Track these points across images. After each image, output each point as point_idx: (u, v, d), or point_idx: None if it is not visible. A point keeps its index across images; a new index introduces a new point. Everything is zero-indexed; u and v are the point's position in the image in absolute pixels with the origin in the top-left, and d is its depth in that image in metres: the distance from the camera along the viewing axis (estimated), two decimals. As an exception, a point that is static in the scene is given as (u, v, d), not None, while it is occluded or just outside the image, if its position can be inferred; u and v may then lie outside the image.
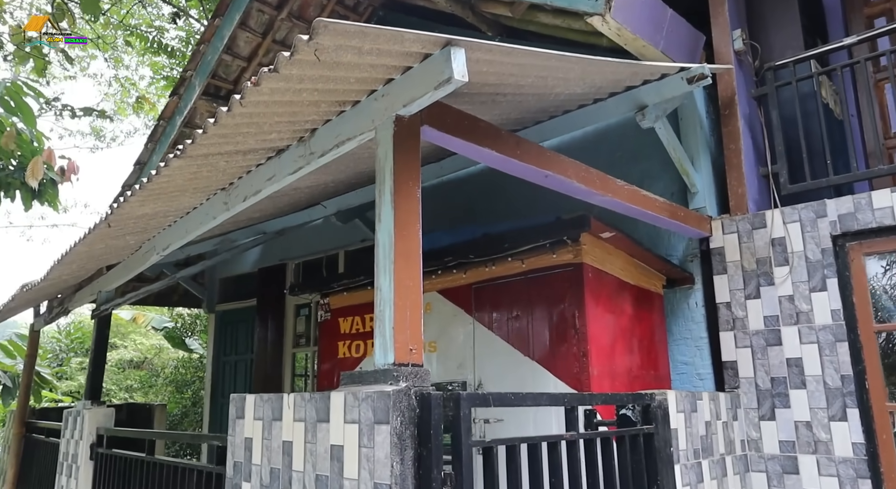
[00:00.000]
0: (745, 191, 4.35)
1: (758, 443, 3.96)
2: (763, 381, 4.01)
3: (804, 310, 3.93)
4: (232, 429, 2.97)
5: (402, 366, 2.24)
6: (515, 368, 3.83)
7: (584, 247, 3.67)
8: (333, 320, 5.05)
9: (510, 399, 2.34)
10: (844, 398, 3.72)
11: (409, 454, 2.10)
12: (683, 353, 4.43)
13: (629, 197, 3.62)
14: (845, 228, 3.86)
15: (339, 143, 2.70)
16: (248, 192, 3.34)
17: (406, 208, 2.37)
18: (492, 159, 2.86)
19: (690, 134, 4.54)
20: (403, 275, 2.32)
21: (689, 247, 4.52)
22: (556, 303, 3.72)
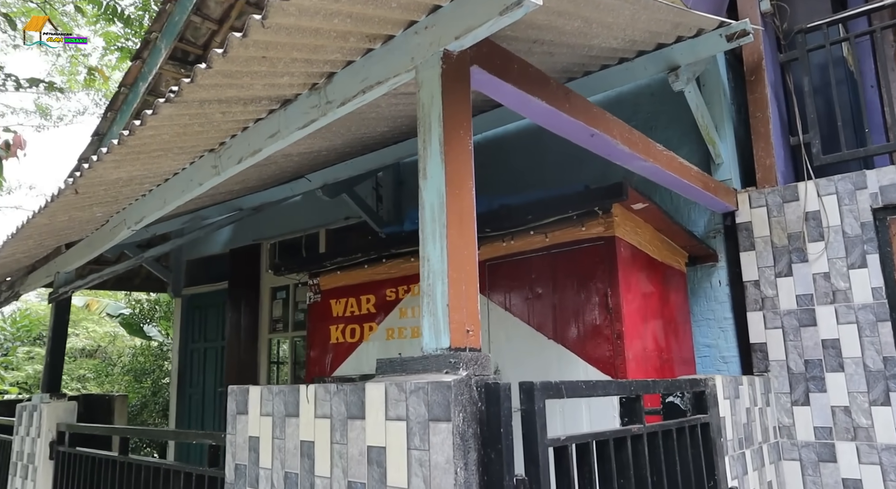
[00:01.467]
0: (774, 162, 4.07)
1: (790, 430, 3.72)
2: (796, 364, 3.76)
3: (841, 288, 3.68)
4: (232, 426, 2.54)
5: (460, 350, 1.85)
6: (539, 353, 3.48)
7: (616, 218, 3.33)
8: (324, 302, 4.62)
9: (581, 388, 1.98)
10: (887, 381, 3.49)
11: (473, 457, 1.72)
12: (706, 335, 4.16)
13: (668, 163, 3.30)
14: (887, 201, 3.62)
15: (366, 89, 2.27)
16: (244, 152, 2.88)
17: (458, 161, 1.97)
18: (539, 112, 2.48)
19: (715, 101, 4.24)
20: (458, 242, 1.92)
21: (712, 222, 4.24)
22: (584, 280, 3.37)
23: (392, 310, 4.19)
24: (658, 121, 4.55)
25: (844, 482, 3.53)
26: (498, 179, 5.14)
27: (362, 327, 4.35)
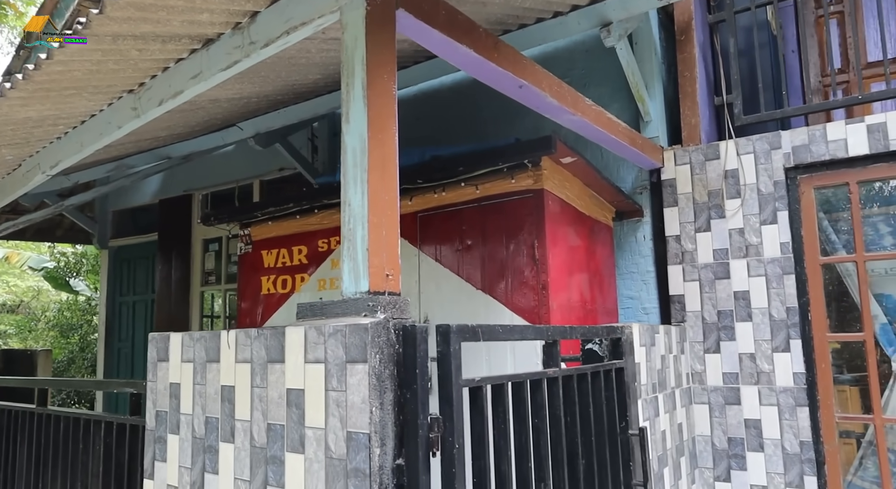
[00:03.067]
0: (699, 121, 4.20)
1: (702, 376, 3.95)
2: (710, 315, 3.97)
3: (754, 244, 3.89)
4: (152, 373, 2.51)
5: (379, 294, 1.88)
6: (467, 302, 3.55)
7: (545, 172, 3.38)
8: (256, 253, 4.56)
9: (498, 332, 2.05)
10: (788, 330, 3.74)
11: (390, 397, 1.77)
12: (630, 287, 4.32)
13: (596, 118, 3.36)
14: (798, 161, 3.81)
15: (290, 30, 2.21)
16: (165, 93, 2.77)
17: (381, 106, 1.96)
18: (467, 61, 2.47)
19: (646, 59, 4.31)
20: (379, 187, 1.93)
21: (639, 179, 4.36)
22: (513, 232, 3.44)
23: (324, 260, 4.18)
24: (591, 77, 4.61)
25: (746, 422, 3.79)
26: (434, 131, 5.13)
27: (294, 278, 4.32)
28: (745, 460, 3.77)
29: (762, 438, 3.74)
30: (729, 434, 3.83)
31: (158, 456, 2.43)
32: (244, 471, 2.06)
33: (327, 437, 1.82)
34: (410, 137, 5.31)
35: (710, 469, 3.86)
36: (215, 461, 2.17)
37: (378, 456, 1.71)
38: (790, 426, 3.67)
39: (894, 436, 3.61)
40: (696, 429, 3.94)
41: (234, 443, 2.11)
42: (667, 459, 3.37)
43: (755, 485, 3.73)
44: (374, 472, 1.70)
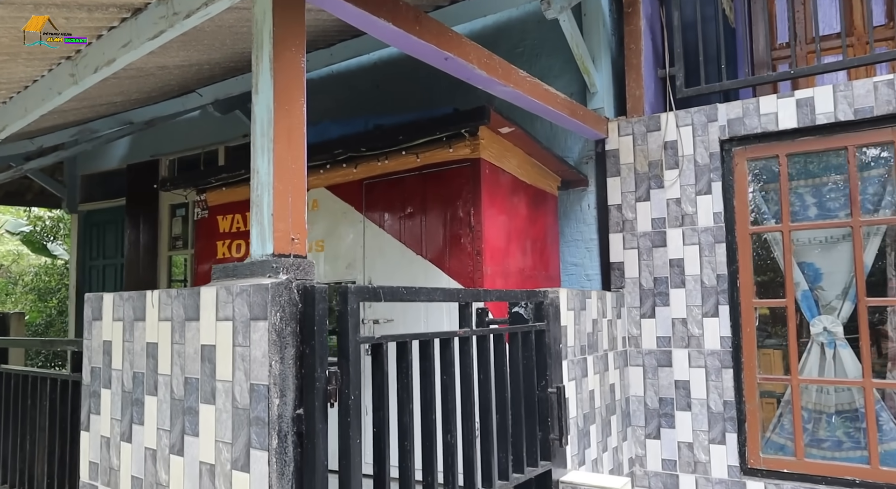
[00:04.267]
0: (643, 93, 4.30)
1: (637, 340, 4.13)
2: (647, 281, 4.13)
3: (689, 213, 4.03)
4: (88, 331, 2.64)
5: (283, 257, 2.00)
6: (407, 267, 3.68)
7: (481, 141, 3.49)
8: (211, 218, 4.65)
9: (402, 293, 2.18)
10: (718, 296, 3.90)
11: (291, 352, 1.90)
12: (574, 254, 4.47)
13: (531, 90, 3.45)
14: (733, 133, 3.93)
15: (209, 2, 2.28)
16: (99, 61, 2.83)
17: (288, 78, 2.05)
18: (388, 34, 2.55)
19: (594, 31, 4.39)
20: (285, 156, 2.03)
21: (585, 149, 4.47)
22: (451, 200, 3.56)
23: (276, 226, 4.28)
24: (543, 47, 4.67)
25: (676, 383, 3.98)
26: (381, 101, 5.19)
27: (247, 243, 4.42)
28: (674, 419, 3.98)
29: (690, 398, 3.94)
30: (660, 394, 4.03)
31: (93, 409, 2.57)
32: (165, 422, 2.21)
33: (234, 389, 1.96)
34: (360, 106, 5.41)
35: (642, 427, 4.07)
36: (141, 413, 2.32)
37: (277, 406, 1.85)
38: (716, 387, 3.87)
39: (809, 396, 3.82)
40: (630, 390, 4.13)
41: (157, 396, 2.25)
42: (594, 417, 3.56)
43: (682, 441, 3.94)
44: (272, 421, 1.84)
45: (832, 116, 3.66)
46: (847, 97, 3.63)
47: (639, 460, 4.06)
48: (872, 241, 3.67)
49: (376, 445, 2.04)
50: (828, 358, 3.73)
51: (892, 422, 3.55)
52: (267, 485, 1.82)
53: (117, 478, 2.41)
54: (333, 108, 5.76)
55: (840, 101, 3.65)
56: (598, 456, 3.57)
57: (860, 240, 3.62)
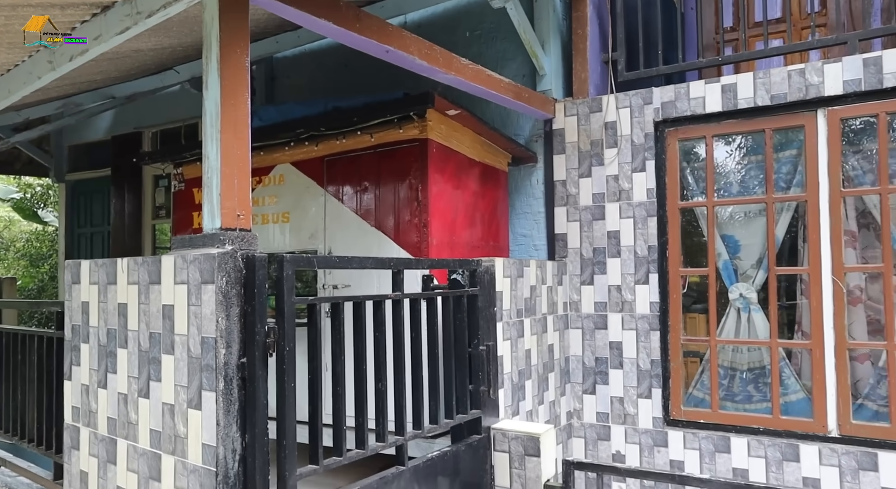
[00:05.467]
0: (588, 76, 4.61)
1: (577, 305, 4.52)
2: (587, 251, 4.51)
3: (626, 189, 4.38)
4: (68, 294, 3.00)
5: (229, 230, 2.35)
6: (363, 238, 4.04)
7: (429, 123, 3.82)
8: (188, 190, 4.98)
9: (335, 261, 2.55)
10: (648, 265, 4.29)
11: (235, 311, 2.27)
12: (524, 226, 4.83)
13: (473, 76, 3.76)
14: (666, 115, 4.26)
15: (167, 4, 2.58)
16: (74, 50, 3.13)
17: (233, 77, 2.38)
18: (330, 31, 2.86)
19: (544, 17, 4.67)
20: (231, 144, 2.37)
21: (535, 128, 4.80)
22: (401, 176, 3.90)
23: (246, 199, 4.61)
24: (499, 32, 4.96)
25: (611, 344, 4.39)
26: (350, 80, 5.48)
27: (221, 214, 4.76)
28: (607, 376, 4.39)
29: (622, 357, 4.35)
30: (596, 354, 4.44)
31: (74, 361, 2.95)
32: (134, 370, 2.59)
33: (189, 342, 2.33)
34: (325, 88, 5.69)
35: (580, 383, 4.49)
36: (115, 363, 2.69)
37: (224, 355, 2.23)
38: (644, 347, 4.28)
39: (726, 355, 4.23)
40: (570, 350, 4.54)
41: (127, 349, 2.63)
42: (530, 373, 3.97)
43: (614, 396, 4.37)
44: (219, 367, 2.22)
45: (752, 101, 3.99)
46: (765, 84, 3.96)
47: (576, 413, 4.49)
48: (784, 216, 4.04)
49: (311, 390, 2.43)
50: (742, 321, 4.13)
51: (793, 378, 3.98)
52: (215, 419, 2.21)
53: (95, 419, 2.80)
54: (307, 85, 6.05)
55: (759, 87, 3.98)
56: (533, 408, 3.99)
57: (773, 215, 3.99)
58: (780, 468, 3.83)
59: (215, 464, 2.20)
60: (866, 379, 3.88)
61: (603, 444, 4.39)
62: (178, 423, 2.36)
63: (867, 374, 3.89)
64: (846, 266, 3.80)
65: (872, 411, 3.79)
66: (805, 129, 3.89)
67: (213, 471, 2.20)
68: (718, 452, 4.02)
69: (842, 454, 3.67)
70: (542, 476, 3.33)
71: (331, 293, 4.13)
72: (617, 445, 4.34)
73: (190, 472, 2.30)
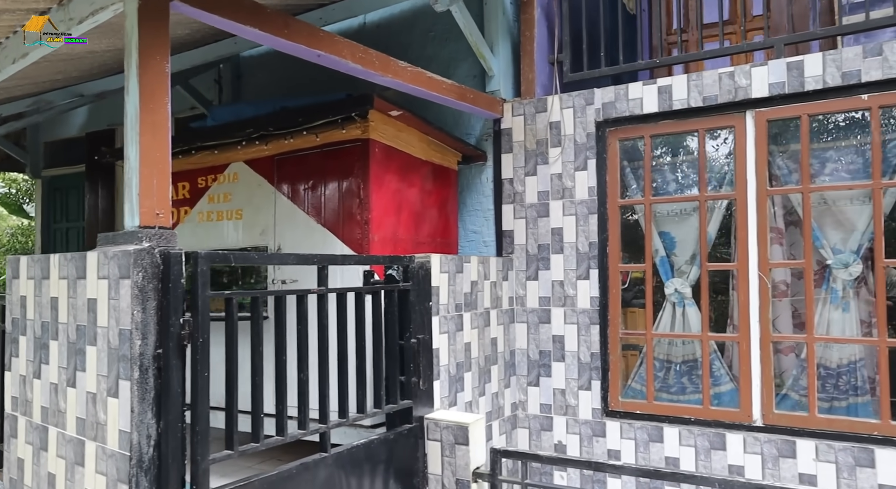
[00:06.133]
0: (535, 76, 4.74)
1: (523, 299, 4.66)
2: (532, 248, 4.64)
3: (569, 187, 4.51)
4: (9, 288, 3.13)
5: (148, 228, 2.48)
6: (310, 235, 4.17)
7: (371, 123, 3.94)
8: (148, 188, 5.10)
9: (254, 258, 2.68)
10: (589, 261, 4.42)
11: (152, 304, 2.40)
12: (475, 223, 4.97)
13: (412, 78, 3.88)
14: (606, 115, 4.39)
15: (95, 12, 2.71)
16: (16, 53, 3.26)
17: (152, 82, 2.50)
18: (258, 37, 2.98)
19: (493, 19, 4.80)
20: (150, 146, 2.50)
21: (486, 128, 4.93)
22: (345, 175, 4.03)
23: (202, 196, 4.74)
24: (451, 33, 5.07)
25: (553, 338, 4.53)
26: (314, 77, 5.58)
27: (179, 211, 4.89)
28: (550, 369, 4.54)
29: (564, 351, 4.49)
30: (540, 347, 4.58)
31: (14, 353, 3.08)
32: (63, 361, 2.72)
33: (109, 333, 2.47)
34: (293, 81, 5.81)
35: (524, 376, 4.63)
36: (47, 354, 2.83)
37: (139, 346, 2.36)
38: (585, 340, 4.42)
39: (662, 348, 4.38)
40: (516, 343, 4.68)
41: (58, 340, 2.76)
42: (470, 365, 4.10)
43: (556, 388, 4.51)
44: (135, 358, 2.36)
45: (686, 103, 4.13)
46: (698, 86, 4.09)
47: (521, 404, 4.64)
48: (717, 214, 4.17)
49: (227, 379, 2.57)
50: (678, 315, 4.28)
51: (723, 370, 4.12)
52: (130, 407, 2.35)
53: (31, 408, 2.94)
54: (273, 83, 6.17)
55: (692, 89, 4.11)
56: (473, 399, 4.13)
57: (705, 213, 4.13)
58: (709, 456, 3.98)
59: (129, 449, 2.33)
60: (791, 370, 4.03)
61: (546, 435, 4.53)
62: (99, 411, 2.50)
63: (792, 366, 4.04)
64: (771, 262, 3.94)
65: (795, 401, 3.93)
66: (735, 130, 4.02)
67: (127, 455, 2.34)
68: (652, 442, 4.16)
69: (764, 442, 3.82)
70: (471, 463, 3.47)
71: (279, 287, 4.26)
72: (559, 435, 4.48)
73: (108, 457, 2.44)
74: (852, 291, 3.82)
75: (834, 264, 3.82)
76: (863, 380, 3.80)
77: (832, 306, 3.86)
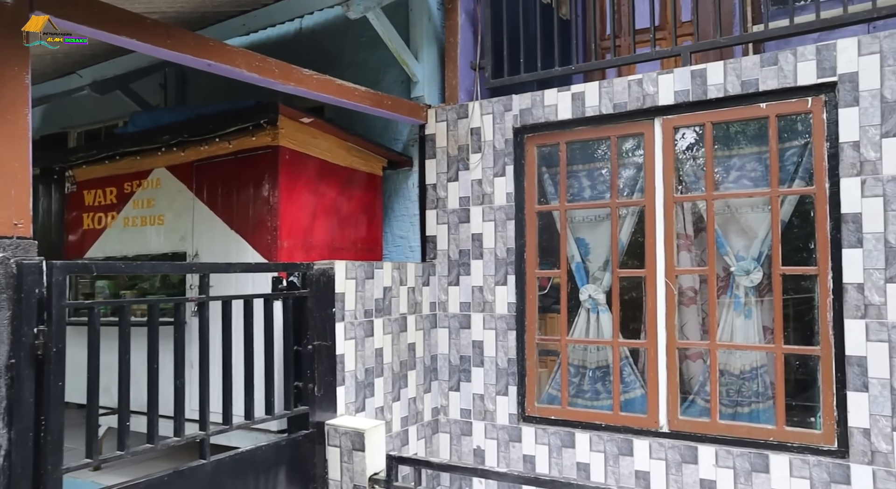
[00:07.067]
0: (459, 82, 4.76)
1: (445, 305, 4.68)
2: (454, 253, 4.66)
3: (488, 193, 4.53)
4: None
5: (4, 238, 2.50)
6: (224, 241, 4.19)
7: (281, 131, 3.96)
8: (79, 193, 5.13)
9: (119, 267, 2.70)
10: (507, 267, 4.44)
11: (6, 314, 2.42)
12: (401, 228, 4.99)
13: (319, 86, 3.90)
14: (524, 122, 4.41)
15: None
16: None
17: (12, 94, 2.53)
18: (136, 47, 3.00)
19: (418, 25, 4.82)
20: (8, 157, 2.52)
21: (412, 133, 4.95)
22: (256, 181, 4.05)
23: (128, 201, 4.77)
24: (381, 39, 5.08)
25: (473, 343, 4.55)
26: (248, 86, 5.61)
27: (107, 215, 4.92)
28: (470, 374, 4.56)
29: (483, 356, 4.51)
30: (461, 353, 4.60)
31: None
32: (-66, 369, 2.74)
33: (-34, 343, 2.48)
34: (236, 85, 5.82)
35: (446, 381, 4.65)
36: (-77, 362, 2.84)
37: (-9, 355, 2.38)
38: (503, 346, 4.44)
39: (577, 354, 4.40)
40: (438, 348, 4.70)
41: (-69, 349, 2.78)
42: (382, 371, 4.12)
43: (476, 393, 4.53)
44: (-14, 367, 2.38)
45: (597, 109, 4.15)
46: (609, 93, 4.11)
47: (443, 409, 4.66)
48: (628, 221, 4.19)
49: (88, 388, 2.59)
50: (592, 321, 4.30)
51: (633, 376, 4.14)
52: (-20, 415, 2.37)
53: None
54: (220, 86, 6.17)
55: (603, 96, 4.13)
56: (385, 404, 4.15)
57: (616, 219, 4.15)
58: (617, 462, 4.00)
59: (-23, 458, 2.35)
60: (698, 376, 4.05)
61: (466, 440, 4.56)
62: (-44, 419, 2.52)
63: (699, 372, 4.06)
64: (677, 269, 3.96)
65: (701, 407, 3.95)
66: (644, 137, 4.04)
67: (-24, 464, 2.36)
68: (565, 447, 4.18)
69: (668, 448, 3.84)
70: (368, 469, 3.49)
71: (196, 293, 4.27)
72: (478, 441, 4.50)
73: (-38, 465, 2.46)
74: (754, 298, 3.84)
75: (736, 271, 3.84)
76: (765, 387, 3.82)
77: (735, 313, 3.87)
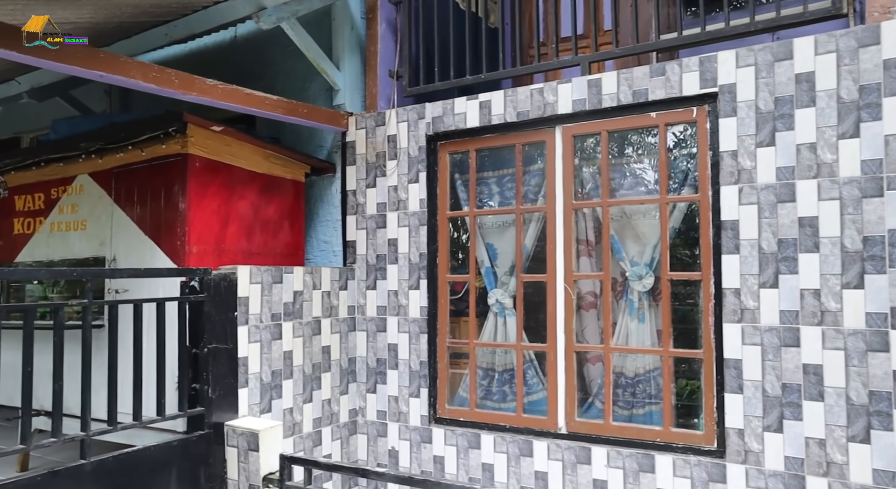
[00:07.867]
0: (379, 91, 4.86)
1: (363, 308, 4.78)
2: (371, 258, 4.76)
3: (403, 199, 4.63)
4: None
5: None
6: (139, 246, 4.28)
7: (191, 139, 4.06)
8: (11, 198, 5.21)
9: (21, 274, 2.80)
10: (420, 271, 4.54)
11: None
12: (325, 233, 5.08)
13: (225, 95, 4.00)
14: (436, 129, 4.51)
15: None
16: None
17: None
18: (18, 59, 3.09)
19: (340, 34, 4.92)
20: None
21: (335, 140, 5.05)
22: (167, 188, 4.14)
23: (54, 207, 4.85)
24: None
25: (389, 346, 4.64)
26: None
27: (35, 221, 5.00)
28: (386, 376, 4.65)
29: (398, 359, 4.60)
30: (378, 355, 4.69)
31: None
32: None
33: None
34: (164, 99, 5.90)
35: (364, 383, 4.74)
36: None
37: None
38: (415, 349, 4.53)
39: (485, 357, 4.49)
40: (357, 351, 4.79)
41: None
42: (291, 373, 4.21)
43: (391, 395, 4.62)
44: None
45: (503, 118, 4.24)
46: (513, 102, 4.21)
47: (361, 411, 4.75)
48: (533, 227, 4.29)
49: (-44, 389, 2.68)
50: (499, 325, 4.39)
51: (536, 378, 4.24)
52: None
53: None
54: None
55: (508, 104, 4.23)
56: (295, 406, 4.24)
57: (521, 225, 4.24)
58: (518, 463, 4.09)
59: None
60: (597, 379, 4.14)
61: (381, 441, 4.64)
62: None
63: (598, 375, 4.15)
64: (575, 274, 4.05)
65: (598, 409, 4.05)
66: (546, 145, 4.14)
67: None
68: (472, 448, 4.27)
69: (565, 449, 3.93)
70: (262, 469, 3.58)
71: (114, 297, 4.37)
72: (392, 442, 4.59)
73: None
74: (647, 303, 3.94)
75: (630, 276, 3.94)
76: (657, 389, 3.91)
77: (630, 317, 3.97)
